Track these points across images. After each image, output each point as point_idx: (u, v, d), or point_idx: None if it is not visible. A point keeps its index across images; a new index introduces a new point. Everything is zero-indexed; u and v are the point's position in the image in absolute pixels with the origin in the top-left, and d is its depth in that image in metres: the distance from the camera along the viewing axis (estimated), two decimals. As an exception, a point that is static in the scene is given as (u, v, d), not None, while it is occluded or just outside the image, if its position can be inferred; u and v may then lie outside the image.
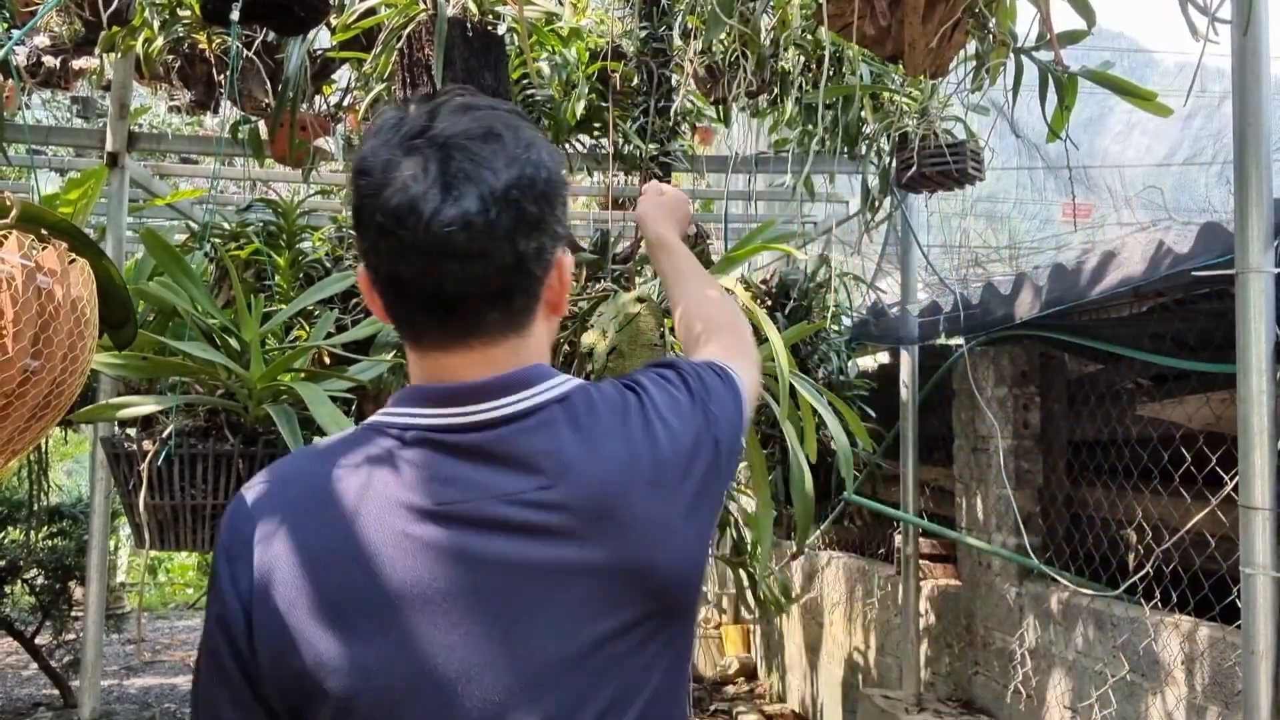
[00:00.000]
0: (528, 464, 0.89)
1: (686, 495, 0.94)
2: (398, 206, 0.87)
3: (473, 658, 0.86)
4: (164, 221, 4.87)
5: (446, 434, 0.90)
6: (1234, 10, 1.82)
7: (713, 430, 1.00)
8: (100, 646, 3.25)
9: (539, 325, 0.96)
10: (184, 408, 2.40)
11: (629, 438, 0.93)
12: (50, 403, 1.44)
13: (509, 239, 0.88)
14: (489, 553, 0.87)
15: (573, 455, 0.90)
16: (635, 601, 0.90)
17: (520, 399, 0.91)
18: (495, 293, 0.90)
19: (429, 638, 0.86)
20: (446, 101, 0.94)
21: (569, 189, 1.01)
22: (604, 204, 5.02)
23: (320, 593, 0.87)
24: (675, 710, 0.96)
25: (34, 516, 5.61)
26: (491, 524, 0.87)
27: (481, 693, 0.86)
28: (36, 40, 3.45)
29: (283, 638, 0.87)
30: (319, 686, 0.86)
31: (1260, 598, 1.82)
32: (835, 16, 1.92)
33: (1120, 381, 3.05)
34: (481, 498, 0.88)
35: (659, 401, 0.98)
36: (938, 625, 3.78)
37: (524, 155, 0.90)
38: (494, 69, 2.50)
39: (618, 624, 0.89)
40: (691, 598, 0.96)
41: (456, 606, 0.86)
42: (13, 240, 1.38)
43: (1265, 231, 1.83)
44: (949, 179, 3.09)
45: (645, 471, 0.92)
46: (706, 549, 0.99)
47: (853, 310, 4.15)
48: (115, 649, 7.32)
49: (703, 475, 0.97)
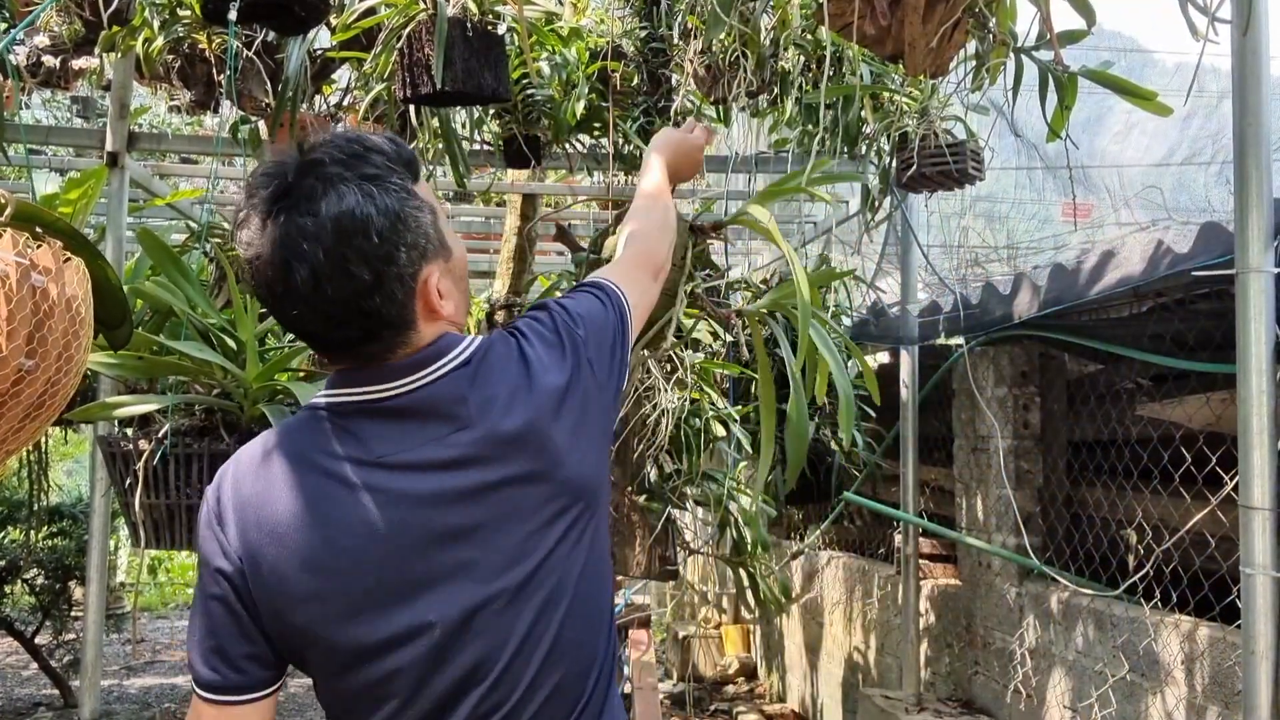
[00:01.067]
0: (447, 414, 1.11)
1: (571, 413, 1.16)
2: (254, 278, 1.10)
3: (438, 571, 1.09)
4: (163, 221, 4.87)
5: (378, 404, 1.12)
6: (1234, 10, 1.82)
7: (583, 353, 1.21)
8: (100, 646, 3.24)
9: (422, 329, 1.14)
10: (181, 407, 2.40)
11: (515, 378, 1.15)
12: (45, 402, 1.43)
13: (347, 301, 1.06)
14: (425, 488, 1.09)
15: (478, 400, 1.12)
16: (551, 499, 1.12)
17: (434, 370, 1.13)
18: (359, 338, 1.10)
19: (400, 570, 1.08)
20: (300, 160, 1.09)
21: (410, 224, 1.11)
22: (604, 204, 5.02)
23: (299, 550, 1.08)
24: (604, 589, 1.20)
25: (34, 516, 5.60)
26: (425, 465, 1.09)
27: (454, 599, 1.08)
28: (36, 40, 3.45)
29: (277, 597, 1.08)
30: (313, 635, 1.09)
31: (1260, 598, 1.81)
32: (835, 16, 1.92)
33: (1120, 381, 3.04)
34: (414, 446, 1.10)
35: (534, 342, 1.20)
36: (938, 625, 3.78)
37: (350, 222, 1.05)
38: (494, 69, 2.50)
39: (541, 520, 1.12)
40: (598, 494, 1.19)
41: (411, 534, 1.08)
42: (7, 238, 1.38)
43: (1265, 231, 1.83)
44: (949, 179, 3.09)
45: (532, 402, 1.13)
46: (604, 452, 1.22)
47: (853, 310, 4.14)
48: (115, 649, 7.32)
49: (582, 395, 1.18)
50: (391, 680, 1.08)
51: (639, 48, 3.26)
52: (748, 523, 3.18)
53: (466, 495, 1.09)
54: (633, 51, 3.32)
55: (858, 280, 4.05)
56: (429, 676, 1.08)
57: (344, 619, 1.08)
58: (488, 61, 2.47)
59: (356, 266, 1.05)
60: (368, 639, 1.08)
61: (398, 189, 1.10)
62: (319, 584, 1.07)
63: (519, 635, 1.10)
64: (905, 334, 3.65)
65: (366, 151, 1.10)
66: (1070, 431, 3.32)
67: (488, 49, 2.48)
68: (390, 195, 1.09)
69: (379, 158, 1.10)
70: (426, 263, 1.12)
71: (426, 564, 1.08)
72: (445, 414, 1.11)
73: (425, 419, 1.11)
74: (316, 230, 1.04)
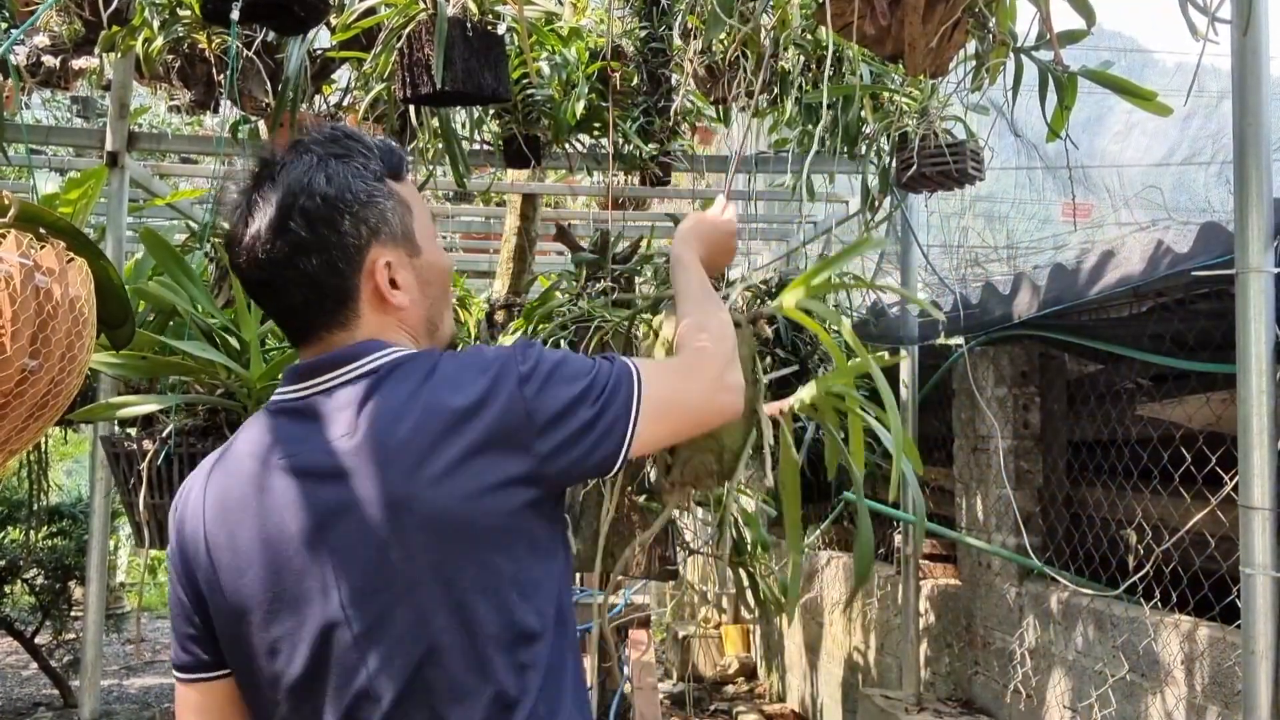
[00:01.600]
0: (339, 419, 1.09)
1: (455, 447, 1.06)
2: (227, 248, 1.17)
3: (301, 589, 1.07)
4: (164, 221, 4.87)
5: (297, 403, 1.13)
6: (1234, 10, 1.82)
7: (509, 385, 1.09)
8: (100, 646, 3.24)
9: (369, 317, 1.14)
10: (184, 407, 2.40)
11: (409, 397, 1.08)
12: (48, 402, 1.44)
13: (288, 259, 1.10)
14: (305, 497, 1.08)
15: (372, 410, 1.08)
16: (417, 529, 1.05)
17: (346, 372, 1.11)
18: (300, 304, 1.13)
19: (276, 581, 1.07)
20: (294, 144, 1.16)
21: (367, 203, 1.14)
22: (604, 204, 5.02)
23: (217, 547, 1.11)
24: (497, 625, 1.08)
25: (34, 516, 5.60)
26: (315, 470, 1.08)
27: (313, 621, 1.06)
28: (36, 40, 3.45)
29: (201, 585, 1.12)
30: (221, 630, 1.12)
31: (1260, 598, 1.82)
32: (835, 16, 1.92)
33: (1120, 381, 3.04)
34: (310, 450, 1.09)
35: (446, 370, 1.11)
36: (938, 625, 3.78)
37: (298, 184, 1.11)
38: (494, 69, 2.50)
39: (407, 550, 1.04)
40: (474, 535, 1.06)
41: (287, 544, 1.07)
42: (11, 239, 1.38)
43: (1265, 231, 1.83)
44: (949, 179, 3.09)
45: (419, 419, 1.06)
46: (480, 497, 1.06)
47: (852, 310, 4.14)
48: (115, 649, 7.32)
49: (482, 436, 1.06)
50: (269, 690, 1.09)
51: (639, 48, 3.26)
52: (748, 523, 3.18)
53: (335, 510, 1.06)
54: (633, 51, 3.32)
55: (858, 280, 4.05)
56: (297, 702, 1.08)
57: (237, 620, 1.09)
58: (488, 61, 2.48)
59: (296, 222, 1.09)
60: (253, 643, 1.09)
61: (361, 169, 1.14)
62: (223, 580, 1.10)
63: (369, 671, 1.05)
64: (905, 334, 3.66)
65: (346, 139, 1.16)
66: (1070, 431, 3.32)
67: (488, 49, 2.48)
68: (348, 169, 1.13)
69: (355, 144, 1.16)
70: (378, 243, 1.13)
71: (296, 578, 1.07)
72: (338, 419, 1.09)
73: (325, 422, 1.10)
74: (272, 190, 1.12)
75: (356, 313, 1.14)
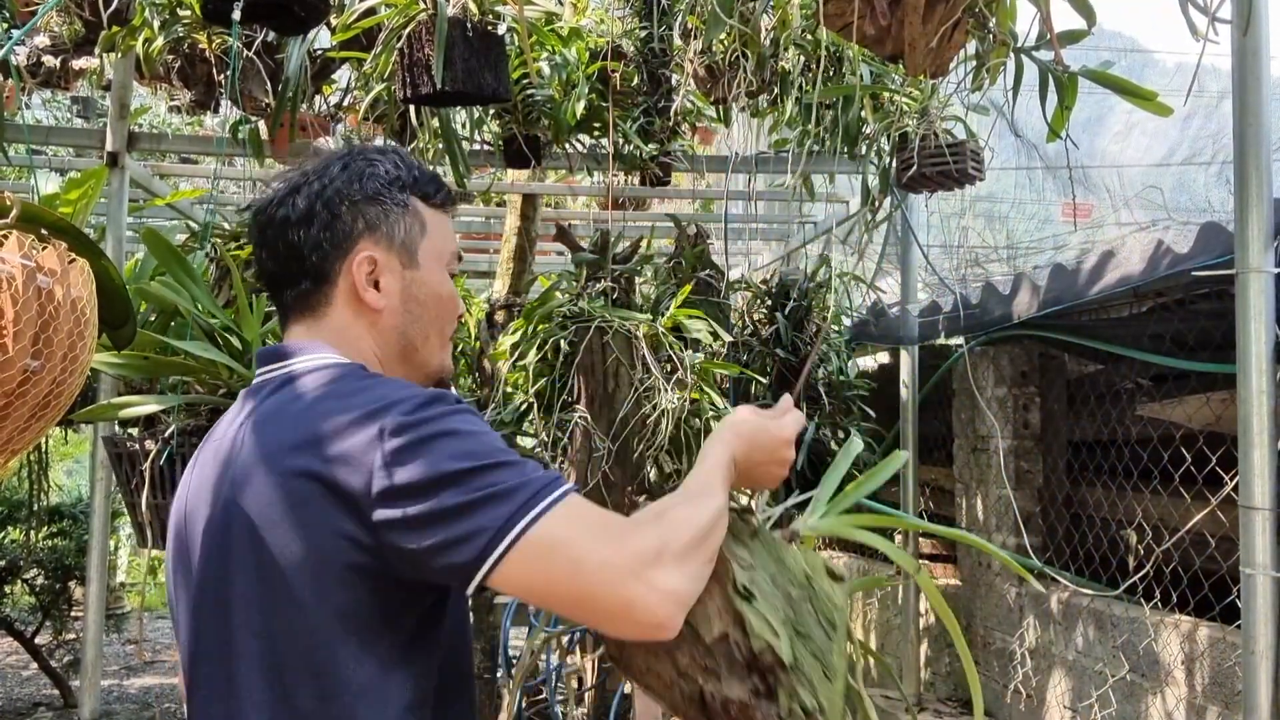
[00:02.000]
0: (245, 410, 1.11)
1: (288, 467, 0.98)
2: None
3: (181, 589, 1.11)
4: (164, 221, 4.86)
5: (252, 387, 1.16)
6: (1234, 10, 1.82)
7: (372, 458, 0.94)
8: (100, 646, 3.25)
9: (340, 310, 1.14)
10: (185, 407, 2.40)
11: (276, 414, 1.05)
12: (50, 402, 1.44)
13: (282, 224, 1.13)
14: (204, 477, 1.11)
15: (257, 412, 1.08)
16: (246, 538, 1.01)
17: (279, 367, 1.12)
18: (281, 274, 1.15)
19: (176, 574, 1.13)
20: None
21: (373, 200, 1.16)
22: (604, 204, 5.02)
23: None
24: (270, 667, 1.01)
25: (34, 516, 5.60)
26: (212, 457, 1.10)
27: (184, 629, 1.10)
28: (36, 40, 3.45)
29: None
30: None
31: (1260, 598, 1.82)
32: (835, 16, 1.92)
33: (1120, 381, 3.05)
34: (216, 437, 1.13)
35: (331, 390, 1.04)
36: (937, 625, 3.78)
37: (317, 170, 1.16)
38: (494, 69, 2.51)
39: (253, 558, 1.01)
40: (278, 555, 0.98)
41: (181, 537, 1.13)
42: (13, 240, 1.38)
43: (1265, 231, 1.83)
44: (949, 179, 3.09)
45: (263, 440, 1.03)
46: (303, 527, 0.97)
47: (853, 310, 4.15)
48: (115, 649, 7.32)
49: (315, 470, 0.97)
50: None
51: (639, 48, 3.26)
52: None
53: (205, 499, 1.09)
54: (633, 51, 3.32)
55: (858, 280, 4.06)
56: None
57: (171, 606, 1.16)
58: (488, 61, 2.48)
59: (302, 195, 1.14)
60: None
61: (383, 175, 1.17)
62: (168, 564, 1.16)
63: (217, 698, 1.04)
64: (905, 334, 3.66)
65: (388, 152, 1.20)
66: (1070, 431, 3.33)
67: (488, 49, 2.48)
68: (369, 169, 1.16)
69: (392, 157, 1.19)
70: (370, 237, 1.14)
71: (187, 556, 1.11)
72: (245, 411, 1.11)
73: (239, 413, 1.12)
74: (300, 176, 1.17)
75: (329, 299, 1.14)
